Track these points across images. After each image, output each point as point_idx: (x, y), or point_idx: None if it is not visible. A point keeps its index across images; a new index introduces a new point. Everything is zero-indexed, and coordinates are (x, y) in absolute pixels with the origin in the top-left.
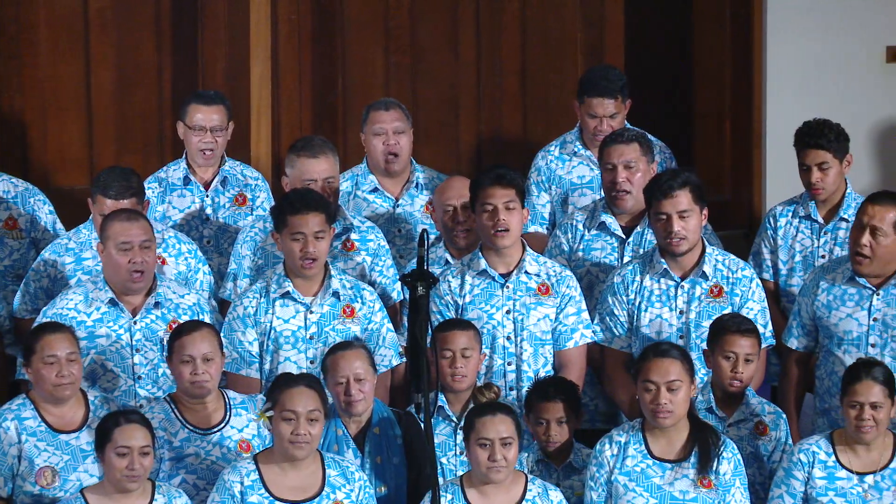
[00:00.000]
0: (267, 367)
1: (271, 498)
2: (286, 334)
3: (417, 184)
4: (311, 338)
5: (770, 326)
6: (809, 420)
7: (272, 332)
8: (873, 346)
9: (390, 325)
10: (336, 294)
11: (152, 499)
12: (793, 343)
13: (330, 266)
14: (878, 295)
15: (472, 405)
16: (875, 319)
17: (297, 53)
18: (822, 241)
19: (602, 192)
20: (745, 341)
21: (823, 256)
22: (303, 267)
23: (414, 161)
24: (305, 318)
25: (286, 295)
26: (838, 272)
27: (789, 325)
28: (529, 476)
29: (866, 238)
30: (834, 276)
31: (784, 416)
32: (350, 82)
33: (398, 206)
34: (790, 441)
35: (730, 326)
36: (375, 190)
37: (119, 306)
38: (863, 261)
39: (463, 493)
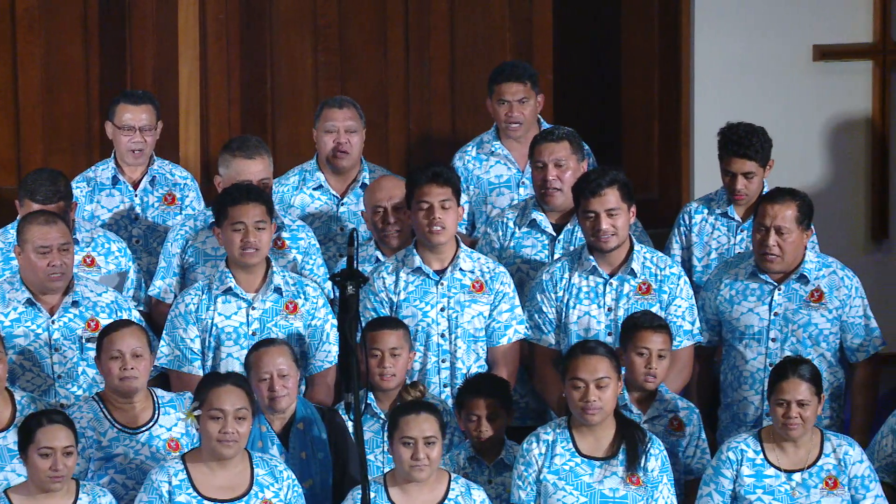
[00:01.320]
0: (209, 363)
1: (199, 497)
2: (228, 330)
3: (363, 184)
4: (253, 334)
5: (698, 323)
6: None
7: (214, 328)
8: (774, 340)
9: (334, 322)
10: (278, 290)
11: (76, 498)
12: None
13: (272, 262)
14: (779, 290)
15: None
16: (776, 314)
17: (225, 53)
18: (738, 238)
19: (520, 191)
20: (657, 337)
21: (740, 253)
22: (243, 255)
23: (364, 161)
24: (247, 315)
25: (228, 291)
26: (741, 268)
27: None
28: (453, 475)
29: (773, 239)
30: (736, 272)
31: (697, 411)
32: (278, 81)
33: (342, 205)
34: (703, 436)
35: (642, 323)
36: (320, 187)
37: (37, 306)
38: (774, 259)
39: (386, 491)
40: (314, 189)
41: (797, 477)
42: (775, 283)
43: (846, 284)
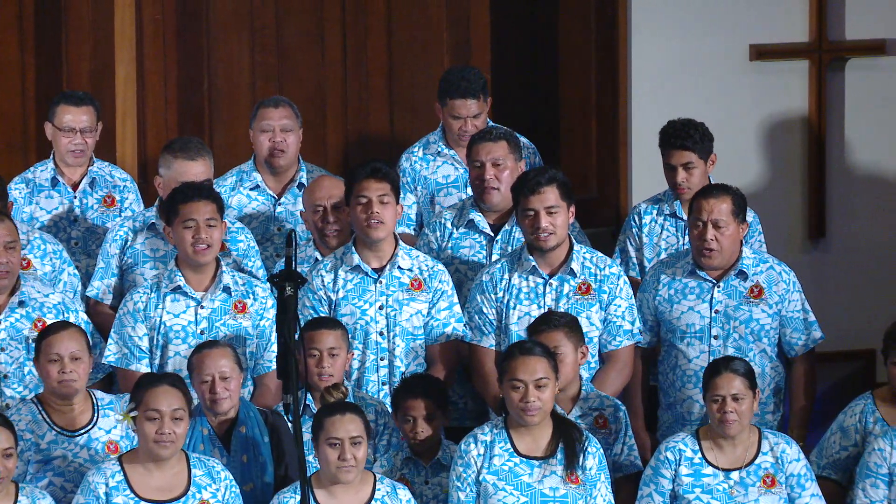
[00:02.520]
0: (157, 362)
1: (137, 498)
2: (176, 329)
3: (301, 183)
4: (201, 333)
5: (638, 323)
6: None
7: (162, 326)
8: (716, 338)
9: None
10: (227, 289)
11: (16, 501)
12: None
13: (221, 261)
14: (718, 287)
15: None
16: (717, 311)
17: (162, 54)
18: (686, 238)
19: (467, 191)
20: (555, 335)
21: (676, 252)
22: (195, 253)
23: (302, 160)
24: (196, 313)
25: (177, 289)
26: (678, 266)
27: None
28: (378, 475)
29: (711, 233)
30: (674, 271)
31: (623, 408)
32: (216, 83)
33: (279, 205)
34: (630, 433)
35: (534, 327)
36: (257, 187)
37: None
38: (711, 253)
39: (312, 493)
40: (251, 189)
41: (735, 475)
42: (714, 281)
43: (784, 279)
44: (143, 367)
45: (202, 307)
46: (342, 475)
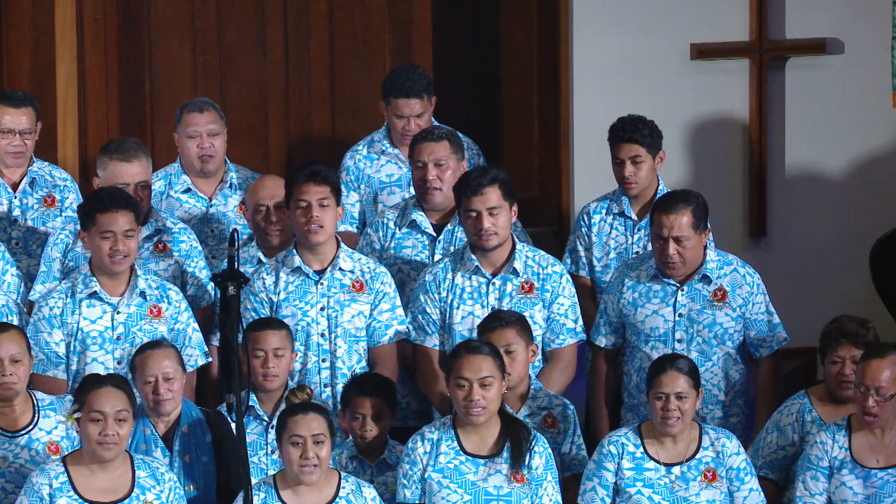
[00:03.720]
0: (74, 367)
1: (80, 500)
2: (93, 335)
3: (231, 184)
4: (118, 338)
5: (581, 322)
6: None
7: (79, 332)
8: (679, 341)
9: (196, 325)
10: (143, 294)
11: None
12: (601, 341)
13: (136, 266)
14: (682, 291)
15: (283, 406)
16: (680, 315)
17: (103, 54)
18: (635, 237)
19: (410, 190)
20: (507, 333)
21: (637, 253)
22: (113, 264)
23: (228, 161)
24: (112, 319)
25: (93, 295)
26: (642, 269)
27: (596, 322)
28: (343, 474)
29: (673, 249)
30: (638, 274)
31: (572, 406)
32: (157, 83)
33: (212, 207)
34: (579, 432)
35: (484, 326)
36: (188, 190)
37: None
38: (675, 265)
39: (276, 492)
40: (182, 192)
41: (676, 470)
42: (678, 285)
43: (748, 282)
44: (60, 374)
45: (118, 312)
46: (304, 475)
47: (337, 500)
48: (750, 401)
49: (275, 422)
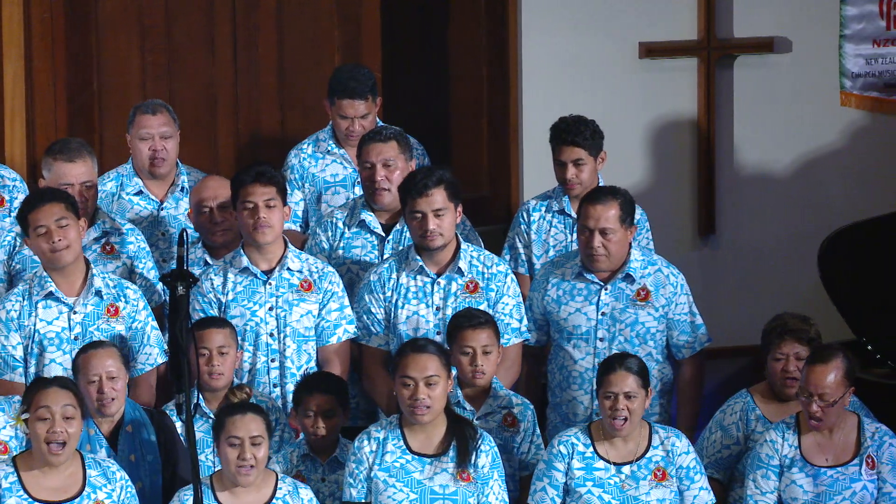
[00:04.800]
0: (32, 370)
1: (31, 499)
2: (50, 336)
3: (183, 187)
4: (75, 338)
5: (525, 321)
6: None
7: (36, 334)
8: (601, 340)
9: (155, 323)
10: (99, 293)
11: None
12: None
13: (92, 265)
14: (605, 290)
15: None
16: (603, 314)
17: (50, 53)
18: (575, 235)
19: (355, 190)
20: (480, 334)
21: (566, 253)
22: (53, 260)
23: (181, 164)
24: (69, 319)
25: (49, 296)
26: (567, 267)
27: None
28: (280, 474)
29: (598, 241)
30: (563, 272)
31: (532, 407)
32: (105, 82)
33: (162, 209)
34: (538, 432)
35: (463, 322)
36: (140, 192)
37: None
38: (599, 258)
39: (213, 492)
40: (134, 194)
41: (626, 469)
42: (602, 283)
43: (672, 282)
44: (17, 377)
45: (75, 312)
46: (241, 476)
47: (274, 500)
48: (673, 401)
49: None
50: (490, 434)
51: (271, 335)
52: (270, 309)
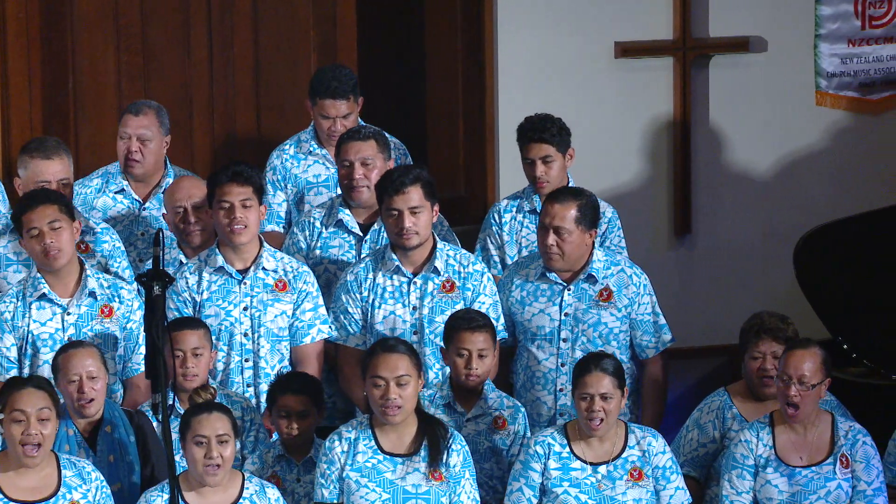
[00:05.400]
0: (26, 371)
1: (6, 500)
2: (43, 337)
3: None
4: (69, 339)
5: (502, 320)
6: None
7: (29, 335)
8: (565, 340)
9: None
10: (93, 294)
11: None
12: None
13: (86, 265)
14: (568, 290)
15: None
16: (566, 314)
17: (26, 53)
18: None
19: (337, 191)
20: (477, 337)
21: (530, 254)
22: (46, 262)
23: (170, 165)
24: (63, 320)
25: (42, 297)
26: (531, 268)
27: None
28: (246, 474)
29: (552, 239)
30: (527, 273)
31: (523, 410)
32: (81, 82)
33: (144, 209)
34: (529, 434)
35: (461, 324)
36: (122, 191)
37: None
38: (553, 256)
39: (180, 492)
40: (116, 192)
41: (603, 469)
42: (564, 284)
43: (634, 282)
44: None
45: (69, 314)
46: (208, 475)
47: (241, 500)
48: (638, 402)
49: None
50: (479, 436)
51: (245, 335)
52: (245, 309)
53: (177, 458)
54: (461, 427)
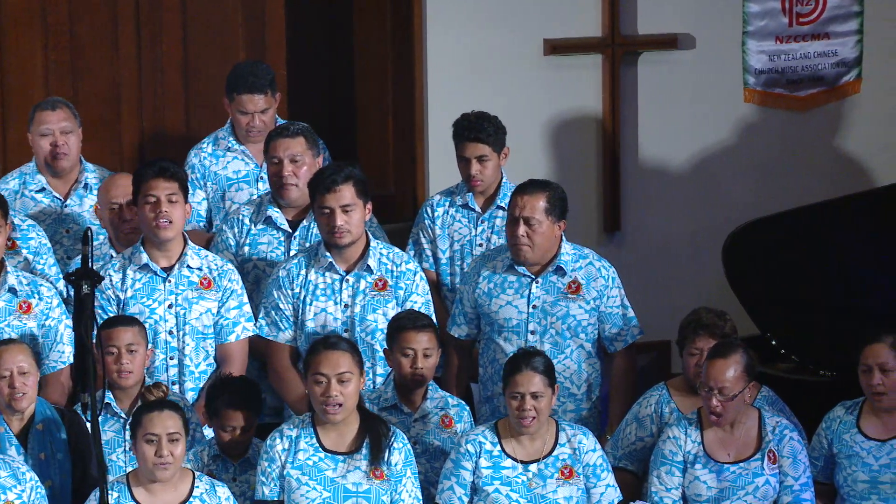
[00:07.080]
0: None
1: None
2: None
3: (86, 184)
4: None
5: (434, 318)
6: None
7: None
8: (532, 333)
9: (68, 322)
10: (12, 290)
11: None
12: (455, 331)
13: (6, 262)
14: (536, 283)
15: (139, 403)
16: (534, 307)
17: None
18: (479, 229)
19: (259, 186)
20: (422, 336)
21: (481, 245)
22: None
23: (84, 161)
24: None
25: None
26: (498, 260)
27: (453, 313)
28: (197, 473)
29: (522, 230)
30: (494, 265)
31: (468, 408)
32: (8, 80)
33: (66, 207)
34: None
35: (406, 324)
36: (43, 189)
37: None
38: (523, 248)
39: (130, 490)
40: (37, 192)
41: (534, 468)
42: (532, 276)
43: (603, 275)
44: None
45: None
46: (159, 472)
47: (191, 499)
48: (604, 395)
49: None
50: (427, 435)
51: (170, 333)
52: (170, 306)
53: (111, 457)
54: (409, 427)
